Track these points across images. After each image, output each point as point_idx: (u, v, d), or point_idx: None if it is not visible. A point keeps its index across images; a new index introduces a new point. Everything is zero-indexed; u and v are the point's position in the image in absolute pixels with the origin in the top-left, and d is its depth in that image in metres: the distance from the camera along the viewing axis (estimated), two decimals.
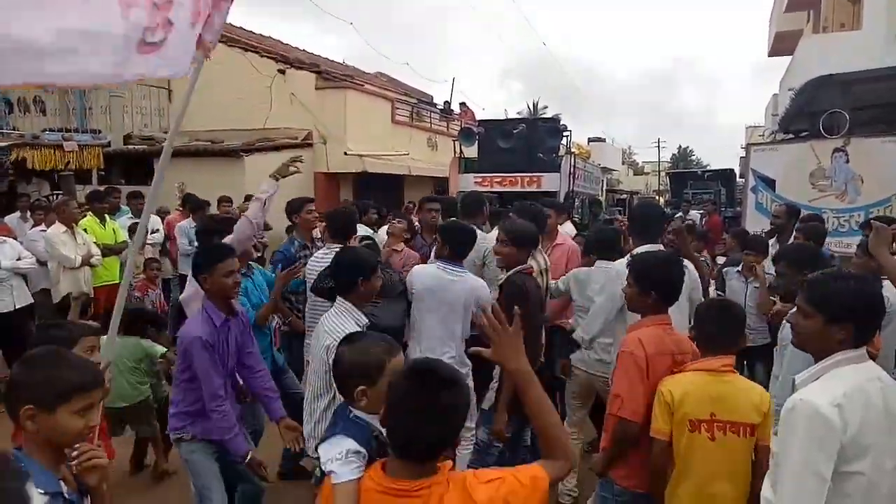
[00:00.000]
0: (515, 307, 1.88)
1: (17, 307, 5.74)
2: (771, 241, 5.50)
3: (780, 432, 1.79)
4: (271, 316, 4.00)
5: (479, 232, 4.26)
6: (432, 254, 4.08)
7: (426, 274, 3.66)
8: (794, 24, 17.57)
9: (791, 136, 11.13)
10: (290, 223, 5.84)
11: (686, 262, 3.31)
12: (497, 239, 3.65)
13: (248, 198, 7.07)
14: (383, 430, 1.66)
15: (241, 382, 3.30)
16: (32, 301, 5.98)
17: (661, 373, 2.53)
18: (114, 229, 6.96)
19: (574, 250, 4.83)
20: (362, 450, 1.73)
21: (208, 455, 3.02)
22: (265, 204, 3.89)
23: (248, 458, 2.96)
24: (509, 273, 3.49)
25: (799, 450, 1.71)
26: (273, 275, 4.27)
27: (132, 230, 6.98)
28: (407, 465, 1.53)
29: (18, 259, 5.82)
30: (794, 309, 2.03)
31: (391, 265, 4.42)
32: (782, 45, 18.46)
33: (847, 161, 7.09)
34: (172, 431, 3.10)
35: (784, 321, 3.00)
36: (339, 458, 1.70)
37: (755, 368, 4.69)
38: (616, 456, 2.61)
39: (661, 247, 3.75)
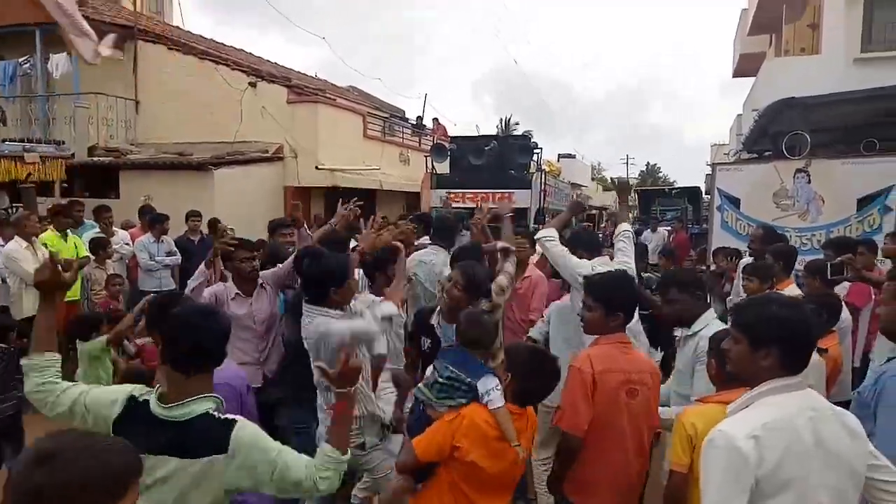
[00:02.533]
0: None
1: None
2: (744, 261, 5.65)
3: (701, 464, 1.75)
4: None
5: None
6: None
7: None
8: (757, 46, 18.09)
9: (755, 155, 11.42)
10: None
11: None
12: (450, 278, 3.54)
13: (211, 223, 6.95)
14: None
15: None
16: None
17: (609, 391, 2.58)
18: (75, 244, 6.78)
19: (540, 280, 4.80)
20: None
21: None
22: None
23: None
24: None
25: (714, 483, 1.68)
26: None
27: (94, 245, 6.82)
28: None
29: None
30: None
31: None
32: (746, 66, 18.98)
33: (809, 181, 7.28)
34: None
35: None
36: (497, 389, 2.45)
37: None
38: (563, 469, 2.68)
39: (607, 259, 3.90)
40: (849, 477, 1.74)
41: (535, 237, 4.25)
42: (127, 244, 7.58)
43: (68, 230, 6.83)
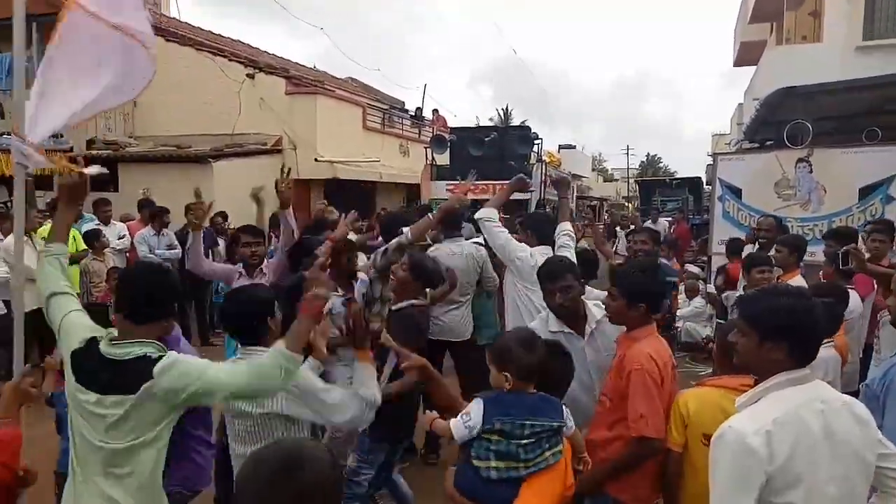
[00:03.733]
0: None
1: None
2: (748, 248, 5.59)
3: (709, 459, 1.74)
4: None
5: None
6: None
7: None
8: (758, 34, 17.99)
9: (756, 145, 11.37)
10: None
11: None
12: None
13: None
14: None
15: None
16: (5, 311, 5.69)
17: (668, 384, 2.52)
18: (74, 237, 6.75)
19: None
20: None
21: None
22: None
23: None
24: (402, 305, 3.47)
25: (723, 480, 1.67)
26: None
27: (88, 236, 6.82)
28: None
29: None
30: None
31: None
32: (747, 55, 18.88)
33: (810, 171, 7.24)
34: None
35: None
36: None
37: None
38: (622, 473, 2.54)
39: (549, 249, 3.87)
40: (858, 467, 1.73)
41: (475, 217, 4.20)
42: (122, 237, 7.55)
43: None
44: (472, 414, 2.16)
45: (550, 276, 2.97)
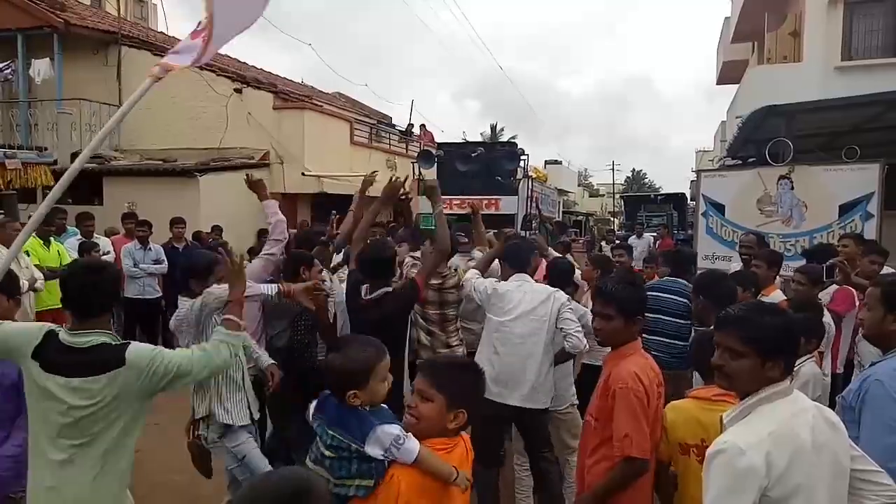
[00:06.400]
0: None
1: None
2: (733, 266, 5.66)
3: (703, 475, 1.73)
4: None
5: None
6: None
7: None
8: (740, 54, 18.31)
9: (739, 161, 11.54)
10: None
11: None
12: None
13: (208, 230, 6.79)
14: None
15: None
16: None
17: (654, 402, 2.51)
18: (59, 251, 6.69)
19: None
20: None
21: None
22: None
23: None
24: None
25: (718, 494, 1.67)
26: None
27: (83, 249, 6.79)
28: None
29: None
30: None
31: None
32: (730, 73, 19.20)
33: (792, 188, 7.36)
34: None
35: None
36: (403, 434, 1.88)
37: None
38: (613, 493, 2.51)
39: (527, 277, 3.95)
40: (839, 471, 1.76)
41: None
42: (107, 252, 7.48)
43: (51, 237, 6.74)
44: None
45: None
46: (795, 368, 2.26)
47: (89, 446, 2.24)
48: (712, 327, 2.09)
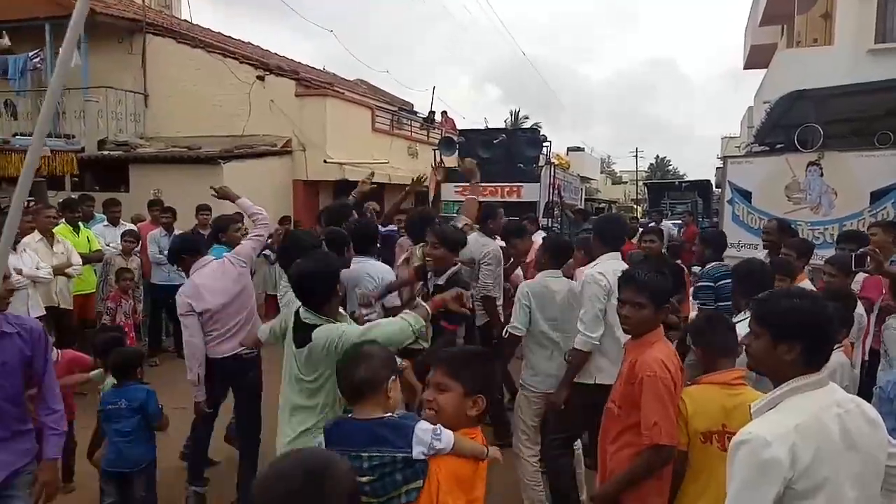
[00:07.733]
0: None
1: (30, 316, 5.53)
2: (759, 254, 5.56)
3: (727, 465, 1.72)
4: None
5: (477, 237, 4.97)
6: None
7: None
8: (768, 37, 17.91)
9: (766, 148, 11.33)
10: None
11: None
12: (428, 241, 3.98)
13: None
14: None
15: None
16: (45, 312, 5.68)
17: (679, 391, 2.52)
18: (88, 237, 6.82)
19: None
20: None
21: None
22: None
23: None
24: (454, 270, 3.86)
25: (741, 485, 1.65)
26: None
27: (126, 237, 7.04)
28: None
29: (37, 268, 5.64)
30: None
31: None
32: (757, 58, 18.80)
33: (821, 174, 7.21)
34: None
35: None
36: (436, 428, 1.90)
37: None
38: (633, 483, 2.51)
39: (618, 256, 3.83)
40: (872, 468, 1.73)
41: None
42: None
43: (80, 223, 6.86)
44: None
45: None
46: None
47: None
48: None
